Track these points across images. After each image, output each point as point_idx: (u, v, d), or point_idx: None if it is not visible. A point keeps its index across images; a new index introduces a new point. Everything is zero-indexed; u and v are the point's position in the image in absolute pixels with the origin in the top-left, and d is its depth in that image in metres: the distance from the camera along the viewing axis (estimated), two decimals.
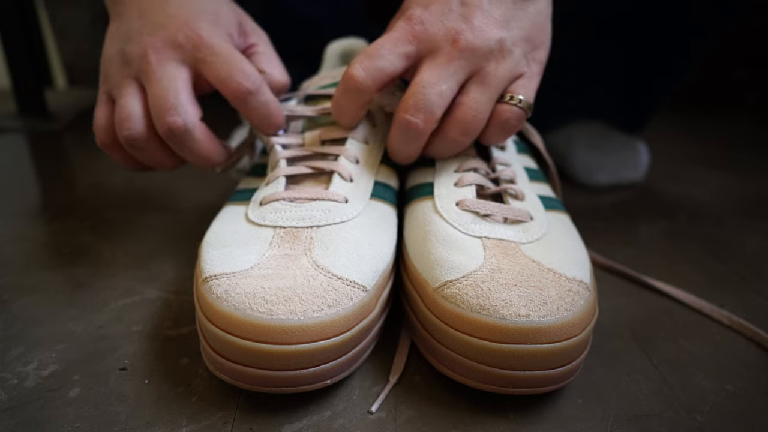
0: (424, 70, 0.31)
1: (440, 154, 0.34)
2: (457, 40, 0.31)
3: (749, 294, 0.38)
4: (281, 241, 0.28)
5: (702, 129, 0.85)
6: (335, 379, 0.26)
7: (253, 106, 0.34)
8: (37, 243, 0.43)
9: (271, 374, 0.24)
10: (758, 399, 0.28)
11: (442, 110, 0.31)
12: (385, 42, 0.32)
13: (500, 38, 0.31)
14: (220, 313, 0.25)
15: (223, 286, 0.26)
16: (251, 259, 0.27)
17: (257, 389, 0.25)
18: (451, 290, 0.26)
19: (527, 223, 0.31)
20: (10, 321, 0.33)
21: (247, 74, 0.33)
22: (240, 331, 0.24)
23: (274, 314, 0.24)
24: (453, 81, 0.31)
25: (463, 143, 0.33)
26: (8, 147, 0.71)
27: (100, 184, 0.56)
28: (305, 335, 0.24)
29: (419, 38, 0.31)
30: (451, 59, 0.31)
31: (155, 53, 0.33)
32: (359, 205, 0.32)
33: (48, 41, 0.97)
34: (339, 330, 0.25)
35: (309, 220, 0.30)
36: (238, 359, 0.25)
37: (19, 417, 0.26)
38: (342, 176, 0.32)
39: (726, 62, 0.95)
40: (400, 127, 0.32)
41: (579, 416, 0.27)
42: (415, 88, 0.31)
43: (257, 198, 0.32)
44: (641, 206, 0.54)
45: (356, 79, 0.31)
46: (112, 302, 0.35)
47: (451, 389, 0.28)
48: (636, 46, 0.58)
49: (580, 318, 0.26)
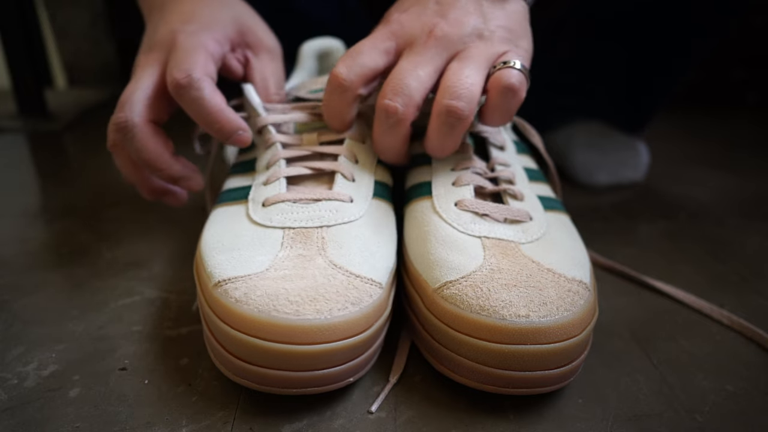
0: (402, 60, 0.32)
1: (438, 140, 0.32)
2: (433, 30, 0.32)
3: (749, 294, 0.38)
4: (292, 241, 0.28)
5: (702, 129, 0.85)
6: (357, 376, 0.27)
7: (185, 100, 0.33)
8: (37, 243, 0.44)
9: (298, 375, 0.24)
10: (758, 399, 0.28)
11: (420, 94, 0.31)
12: (366, 41, 0.33)
13: (476, 26, 0.32)
14: (242, 316, 0.24)
15: (241, 289, 0.25)
16: (264, 261, 0.27)
17: (283, 392, 0.25)
18: (451, 291, 0.26)
19: (526, 223, 0.31)
20: (10, 321, 0.33)
21: (182, 68, 0.32)
22: (266, 333, 0.24)
23: (301, 314, 0.24)
24: (430, 66, 0.31)
25: (458, 112, 0.30)
26: (8, 147, 0.71)
27: (100, 184, 0.56)
28: (333, 334, 0.24)
29: (397, 34, 0.33)
30: (427, 47, 0.31)
31: (143, 55, 0.35)
32: (363, 204, 0.32)
33: (48, 41, 0.97)
34: (363, 327, 0.25)
35: (318, 220, 0.29)
36: (263, 362, 0.24)
37: (19, 417, 0.26)
38: (344, 176, 0.32)
39: (726, 62, 0.95)
40: (380, 114, 0.32)
41: (579, 416, 0.27)
42: (393, 75, 0.31)
43: (257, 198, 0.32)
44: (641, 206, 0.54)
45: (340, 76, 0.32)
46: (112, 302, 0.35)
47: (451, 389, 0.28)
48: (636, 46, 0.58)
49: (580, 318, 0.26)
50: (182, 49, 0.33)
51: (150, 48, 0.35)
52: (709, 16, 0.54)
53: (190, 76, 0.32)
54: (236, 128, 0.34)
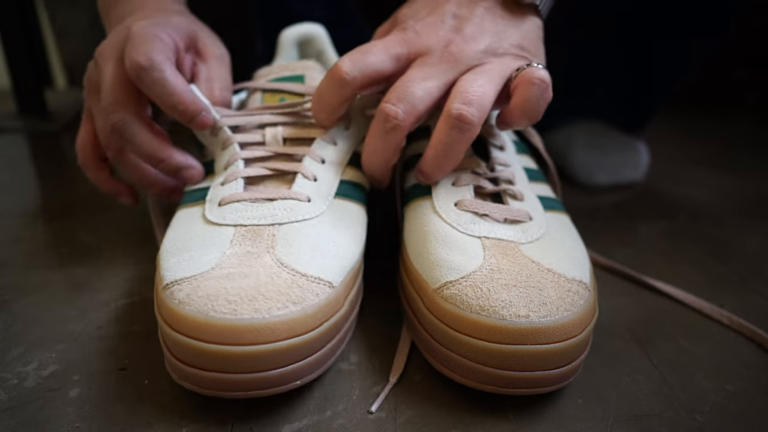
0: (412, 69, 0.31)
1: (441, 149, 0.31)
2: (449, 45, 0.31)
3: (749, 294, 0.38)
4: (242, 239, 0.28)
5: (702, 129, 0.85)
6: (305, 380, 0.26)
7: (146, 83, 0.32)
8: (37, 243, 0.44)
9: (239, 378, 0.24)
10: (758, 399, 0.28)
11: (425, 104, 0.31)
12: (378, 43, 0.32)
13: (491, 44, 0.32)
14: (182, 317, 0.24)
15: (184, 290, 0.25)
16: (212, 259, 0.27)
17: (225, 395, 0.25)
18: (451, 291, 0.26)
19: (526, 223, 0.31)
20: (10, 321, 0.33)
21: (141, 51, 0.32)
22: (202, 334, 0.23)
23: (238, 314, 0.23)
24: (440, 80, 0.31)
25: (468, 118, 0.29)
26: (8, 147, 0.71)
27: None
28: (272, 334, 0.24)
29: (411, 43, 0.32)
30: (441, 60, 0.31)
31: (103, 60, 0.34)
32: (322, 204, 0.31)
33: (48, 41, 0.97)
34: (306, 327, 0.25)
35: (271, 218, 0.29)
36: (203, 365, 0.24)
37: (19, 417, 0.26)
38: (305, 176, 0.32)
39: (726, 62, 0.95)
40: (379, 117, 0.31)
41: (579, 416, 0.27)
42: (401, 81, 0.31)
43: (214, 198, 0.31)
44: (641, 206, 0.54)
45: (343, 70, 0.31)
46: (112, 302, 0.35)
47: (451, 389, 0.28)
48: (636, 46, 0.58)
49: (580, 318, 0.26)
50: (138, 36, 0.33)
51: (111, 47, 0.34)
52: (709, 16, 0.54)
53: (151, 58, 0.32)
54: (200, 109, 0.33)
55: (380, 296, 0.35)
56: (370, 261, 0.35)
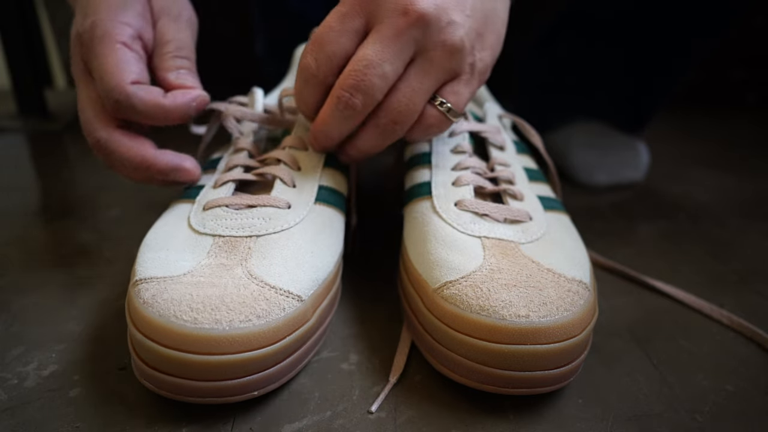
0: (368, 44, 0.29)
1: (368, 145, 0.33)
2: (408, 10, 0.28)
3: (749, 294, 0.38)
4: (219, 250, 0.28)
5: (702, 129, 0.85)
6: (263, 390, 0.26)
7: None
8: (37, 243, 0.44)
9: (196, 384, 0.24)
10: (758, 399, 0.28)
11: (383, 94, 0.30)
12: (333, 22, 0.30)
13: (453, 20, 0.29)
14: (145, 319, 0.24)
15: (151, 290, 0.25)
16: (186, 266, 0.27)
17: (181, 399, 0.25)
18: (451, 291, 0.26)
19: (526, 223, 0.31)
20: (10, 321, 0.33)
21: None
22: (163, 338, 0.23)
23: (198, 323, 0.23)
24: (399, 61, 0.29)
25: (394, 132, 0.31)
26: (8, 147, 0.71)
27: (100, 184, 0.56)
28: (230, 346, 0.23)
29: (366, 9, 0.30)
30: (399, 33, 0.29)
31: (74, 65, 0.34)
32: (302, 210, 0.31)
33: (48, 41, 0.97)
34: (267, 341, 0.25)
35: (249, 229, 0.29)
36: (162, 368, 0.24)
37: (19, 417, 0.26)
38: (284, 181, 0.32)
39: (726, 62, 0.95)
40: (337, 104, 0.30)
41: (579, 416, 0.27)
42: (358, 65, 0.29)
43: (202, 200, 0.31)
44: (641, 206, 0.54)
45: (309, 69, 0.31)
46: (112, 302, 0.35)
47: (451, 389, 0.28)
48: (636, 46, 0.58)
49: (580, 318, 0.26)
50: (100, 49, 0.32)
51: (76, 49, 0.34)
52: (709, 16, 0.54)
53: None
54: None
55: (380, 296, 0.35)
56: (367, 262, 0.35)
